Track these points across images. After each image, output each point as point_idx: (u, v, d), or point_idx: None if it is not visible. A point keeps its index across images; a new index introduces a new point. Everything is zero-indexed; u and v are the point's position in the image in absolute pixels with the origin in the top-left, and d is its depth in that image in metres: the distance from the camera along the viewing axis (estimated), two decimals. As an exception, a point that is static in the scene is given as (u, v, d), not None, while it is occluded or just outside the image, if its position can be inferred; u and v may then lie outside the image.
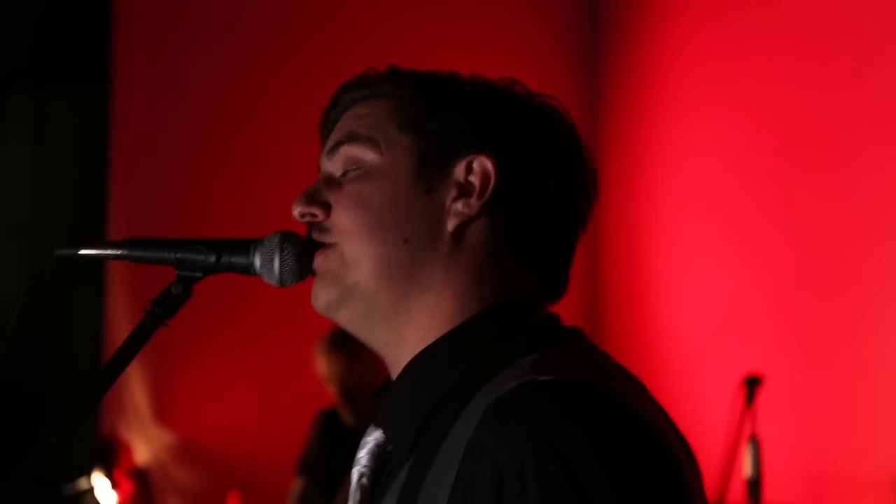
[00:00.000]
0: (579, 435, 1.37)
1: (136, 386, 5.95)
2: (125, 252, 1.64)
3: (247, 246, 1.62)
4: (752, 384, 5.10)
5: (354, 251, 1.58)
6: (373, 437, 1.63)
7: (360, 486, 1.62)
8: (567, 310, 1.67)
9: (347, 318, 1.62)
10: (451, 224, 1.59)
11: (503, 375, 1.46)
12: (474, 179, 1.60)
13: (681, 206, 6.44)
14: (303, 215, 1.63)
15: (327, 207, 1.62)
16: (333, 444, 5.09)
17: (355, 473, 1.63)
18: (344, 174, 1.64)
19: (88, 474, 5.63)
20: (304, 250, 1.61)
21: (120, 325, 5.91)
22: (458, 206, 1.60)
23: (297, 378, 5.86)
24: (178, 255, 1.62)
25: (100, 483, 5.63)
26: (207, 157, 6.21)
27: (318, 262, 1.61)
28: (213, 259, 1.62)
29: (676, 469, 1.45)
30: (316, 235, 1.62)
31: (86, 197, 6.06)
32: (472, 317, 1.58)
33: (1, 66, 5.97)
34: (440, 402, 1.53)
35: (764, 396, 5.12)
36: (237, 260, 1.62)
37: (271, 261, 1.60)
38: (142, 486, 5.85)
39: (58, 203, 6.06)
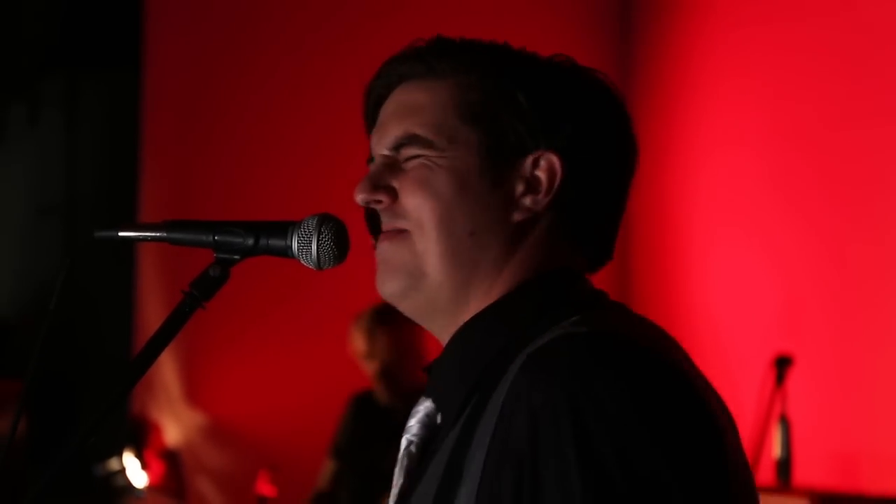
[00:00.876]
0: (614, 380, 1.40)
1: (166, 367, 5.97)
2: (164, 234, 1.64)
3: (284, 228, 1.61)
4: (783, 364, 5.10)
5: (424, 242, 1.60)
6: (423, 407, 1.65)
7: (408, 454, 1.63)
8: (596, 287, 1.68)
9: (412, 307, 1.64)
10: (517, 217, 1.60)
11: (545, 337, 1.49)
12: (541, 175, 1.61)
13: (714, 184, 6.43)
14: (367, 202, 1.63)
15: (393, 192, 1.62)
16: (365, 428, 5.09)
17: (404, 441, 1.64)
18: (406, 160, 1.63)
19: (119, 455, 5.66)
20: (341, 233, 1.61)
21: (150, 308, 5.94)
22: (527, 201, 1.61)
23: (327, 359, 5.87)
24: (216, 238, 1.62)
25: (130, 464, 5.66)
26: (239, 138, 6.21)
27: (385, 247, 1.62)
28: (250, 241, 1.61)
29: (711, 419, 1.47)
30: (387, 220, 1.62)
31: (118, 178, 6.09)
32: (519, 285, 1.60)
33: (34, 50, 6.00)
34: (486, 368, 1.55)
35: (794, 377, 5.12)
36: (275, 242, 1.61)
37: (309, 244, 1.60)
38: (172, 466, 5.87)
39: (90, 184, 6.08)
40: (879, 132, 5.46)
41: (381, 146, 1.65)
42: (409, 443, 1.63)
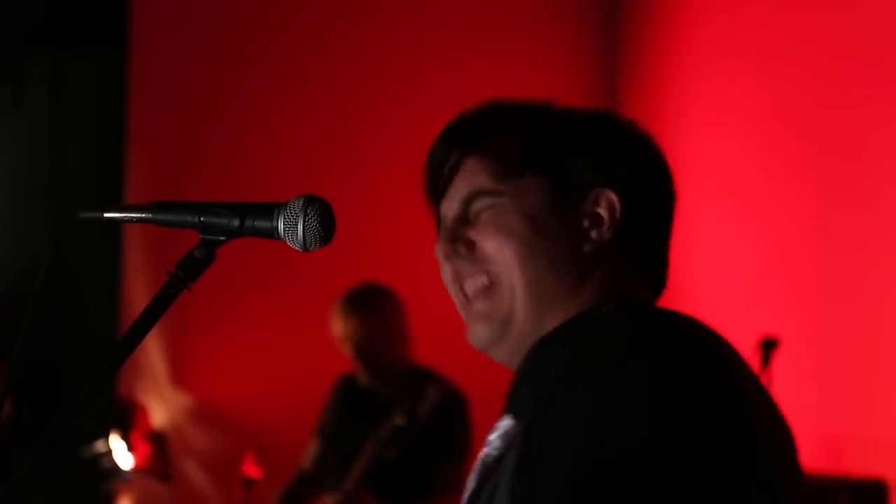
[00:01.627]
0: (644, 347, 1.51)
1: (152, 349, 5.97)
2: (150, 215, 1.64)
3: (270, 210, 1.61)
4: (768, 347, 5.11)
5: (510, 278, 1.71)
6: (503, 424, 1.67)
7: (484, 462, 1.67)
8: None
9: (503, 350, 1.74)
10: (587, 249, 1.72)
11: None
12: (602, 211, 1.74)
13: (700, 165, 6.43)
14: (447, 255, 1.74)
15: (470, 243, 1.73)
16: (348, 409, 5.11)
17: (482, 453, 1.68)
18: (477, 213, 1.74)
19: (105, 437, 5.66)
20: (327, 215, 1.61)
21: (136, 289, 5.93)
22: (593, 234, 1.73)
23: (313, 341, 5.87)
24: (201, 219, 1.62)
25: (117, 445, 5.66)
26: (225, 119, 6.21)
27: (480, 305, 1.73)
28: (236, 223, 1.61)
29: (739, 404, 1.53)
30: (469, 269, 1.74)
31: (103, 160, 6.07)
32: (588, 308, 1.71)
33: (19, 29, 5.97)
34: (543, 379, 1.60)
35: (780, 359, 5.13)
36: (260, 224, 1.61)
37: (295, 225, 1.60)
38: (158, 448, 5.87)
39: (75, 166, 6.06)
40: (865, 110, 5.47)
41: (451, 209, 1.77)
42: (487, 455, 1.68)
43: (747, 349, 5.22)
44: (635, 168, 1.78)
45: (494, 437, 1.67)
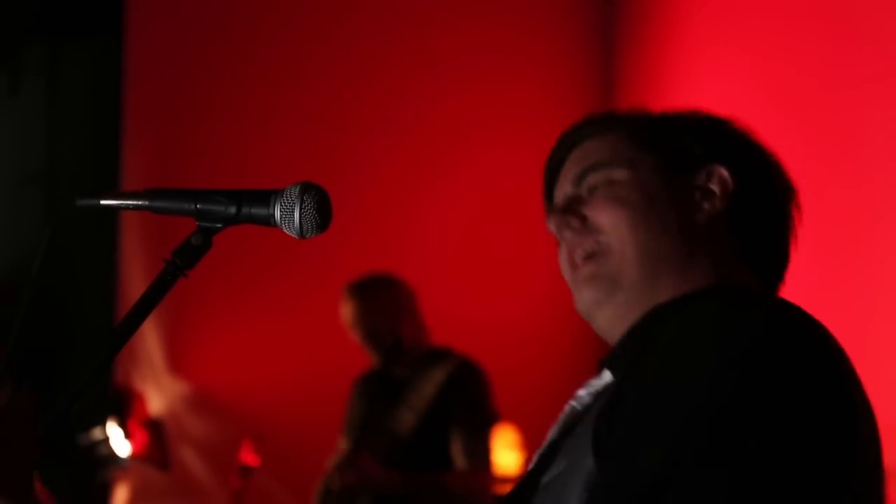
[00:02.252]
0: (756, 332, 1.50)
1: (149, 336, 5.97)
2: (146, 203, 1.64)
3: (267, 197, 1.62)
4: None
5: (621, 243, 1.72)
6: (596, 382, 1.73)
7: (572, 410, 1.73)
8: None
9: (609, 312, 1.75)
10: (699, 219, 1.76)
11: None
12: (714, 186, 1.78)
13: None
14: (560, 227, 1.78)
15: (582, 217, 1.77)
16: (368, 399, 5.10)
17: (567, 408, 1.74)
18: (590, 190, 1.79)
19: (102, 424, 5.66)
20: (324, 202, 1.61)
21: (133, 276, 5.93)
22: (705, 205, 1.77)
23: (311, 328, 5.87)
24: (198, 206, 1.62)
25: (114, 433, 5.66)
26: (222, 106, 6.20)
27: (587, 269, 1.75)
28: (233, 210, 1.62)
29: (851, 402, 1.57)
30: (579, 242, 1.76)
31: (100, 148, 6.06)
32: (701, 288, 1.72)
33: (15, 18, 5.96)
34: (643, 347, 1.61)
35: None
36: (257, 211, 1.62)
37: (292, 212, 1.60)
38: (155, 435, 5.87)
39: (72, 154, 6.06)
40: (861, 92, 5.47)
41: (566, 183, 1.83)
42: (573, 408, 1.73)
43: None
44: (747, 152, 1.84)
45: (584, 393, 1.73)
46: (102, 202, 1.65)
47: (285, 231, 1.62)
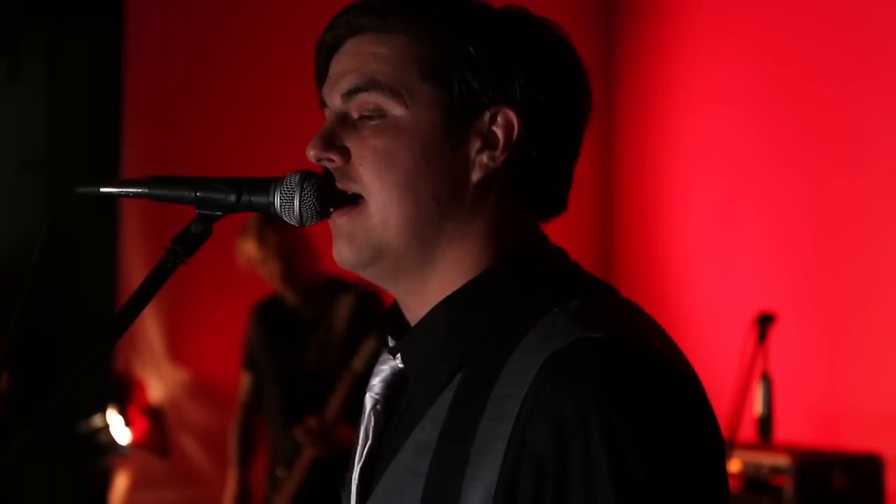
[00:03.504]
0: (640, 392, 1.44)
1: (149, 323, 5.97)
2: (146, 190, 1.63)
3: (267, 185, 1.61)
4: (765, 322, 5.12)
5: (384, 212, 1.57)
6: (388, 366, 1.65)
7: (374, 412, 1.64)
8: (579, 248, 1.70)
9: (373, 275, 1.62)
10: (475, 176, 1.59)
11: (547, 327, 1.51)
12: (498, 131, 1.59)
13: (696, 142, 6.43)
14: (319, 159, 1.61)
15: (346, 153, 1.60)
16: (277, 333, 5.11)
17: (369, 400, 1.65)
18: (361, 117, 1.61)
19: (102, 411, 5.66)
20: (324, 190, 1.61)
21: (133, 264, 5.93)
22: (483, 158, 1.59)
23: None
24: (198, 194, 1.62)
25: (114, 420, 5.66)
26: (221, 95, 6.20)
27: (342, 221, 1.60)
28: (233, 198, 1.61)
29: (717, 427, 1.53)
30: (340, 183, 1.60)
31: (99, 135, 6.05)
32: (498, 262, 1.60)
33: (14, 4, 5.95)
34: (477, 345, 1.55)
35: (776, 334, 5.14)
36: (257, 199, 1.61)
37: (291, 200, 1.60)
38: (155, 423, 5.88)
39: (71, 141, 6.05)
40: (860, 86, 5.47)
41: (336, 93, 1.64)
42: (375, 402, 1.64)
43: (744, 324, 5.22)
44: (539, 81, 1.60)
45: (377, 382, 1.65)
46: (102, 190, 1.64)
47: (285, 219, 1.61)
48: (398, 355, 1.64)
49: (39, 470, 5.68)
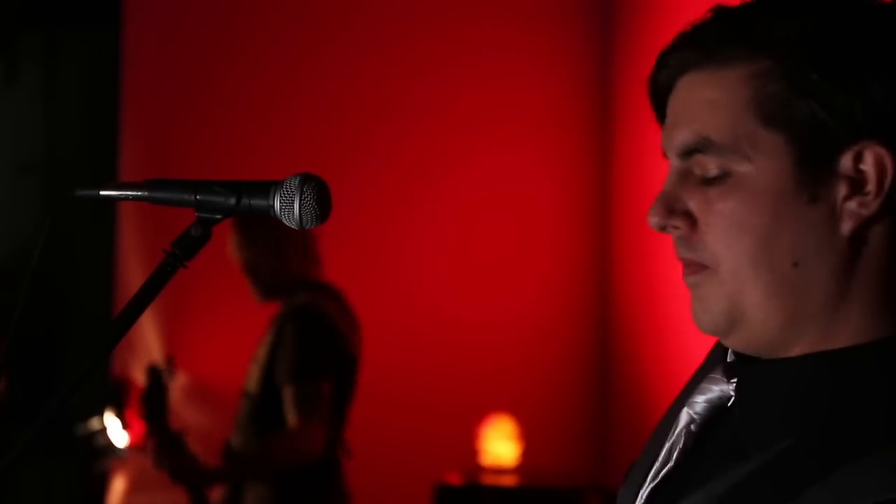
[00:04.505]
0: None
1: (148, 327, 5.97)
2: (145, 193, 1.62)
3: (267, 188, 1.60)
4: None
5: (738, 281, 1.37)
6: (719, 389, 1.45)
7: (688, 432, 1.46)
8: (575, 252, 1.67)
9: (735, 343, 1.42)
10: (846, 228, 1.34)
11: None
12: (867, 169, 1.33)
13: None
14: (662, 228, 1.44)
15: (691, 219, 1.41)
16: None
17: (685, 416, 1.47)
18: (707, 179, 1.41)
19: (100, 414, 5.66)
20: (324, 193, 1.60)
21: (131, 267, 5.92)
22: (853, 205, 1.34)
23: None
24: (198, 197, 1.61)
25: (111, 423, 5.66)
26: (218, 97, 6.19)
27: (695, 280, 1.42)
28: (232, 201, 1.60)
29: None
30: (683, 253, 1.43)
31: (97, 137, 6.06)
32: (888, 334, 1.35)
33: (13, 6, 5.95)
34: (826, 423, 1.33)
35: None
36: (257, 202, 1.61)
37: (291, 203, 1.59)
38: (153, 426, 5.87)
39: (69, 143, 6.06)
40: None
41: (671, 150, 1.46)
42: (692, 420, 1.47)
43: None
44: None
45: (702, 400, 1.46)
46: (102, 192, 1.64)
47: (285, 222, 1.61)
48: (734, 383, 1.44)
49: (37, 473, 5.68)
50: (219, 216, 1.61)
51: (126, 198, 1.65)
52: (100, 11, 6.07)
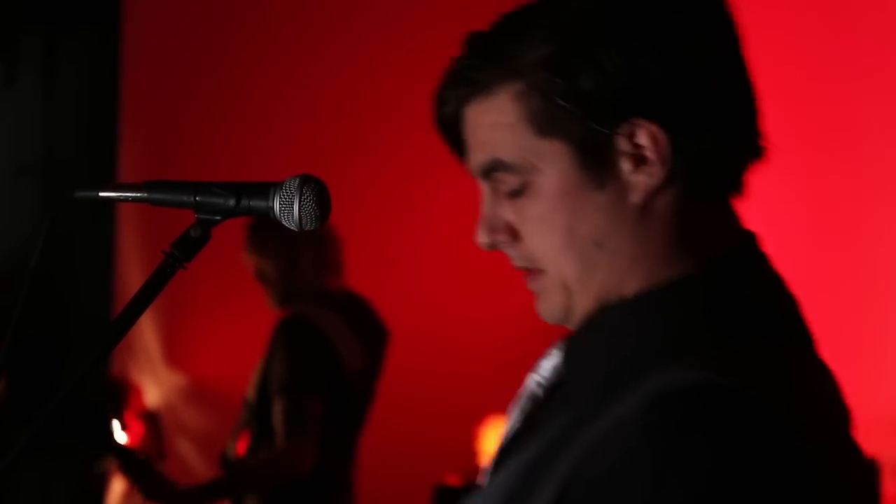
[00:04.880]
0: (709, 451, 1.32)
1: (147, 328, 5.97)
2: (144, 194, 1.62)
3: (266, 189, 1.60)
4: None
5: (562, 274, 1.50)
6: (554, 359, 1.60)
7: (533, 396, 1.61)
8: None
9: (575, 324, 1.54)
10: (635, 198, 1.48)
11: (686, 360, 1.40)
12: (644, 143, 1.45)
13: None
14: (492, 246, 1.56)
15: (511, 230, 1.54)
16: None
17: (532, 380, 1.62)
18: (510, 192, 1.52)
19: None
20: (323, 194, 1.60)
21: (131, 268, 5.93)
22: (641, 178, 1.47)
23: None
24: (197, 198, 1.60)
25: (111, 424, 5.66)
26: (217, 98, 6.20)
27: (535, 286, 1.54)
28: (232, 202, 1.60)
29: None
30: (518, 262, 1.55)
31: (96, 138, 6.07)
32: (686, 276, 1.50)
33: (12, 7, 5.96)
34: (624, 364, 1.46)
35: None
36: (256, 203, 1.60)
37: (291, 204, 1.59)
38: (152, 427, 5.87)
39: (68, 144, 6.06)
40: (857, 85, 5.48)
41: (475, 173, 1.56)
42: (538, 384, 1.61)
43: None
44: (676, 63, 1.46)
45: (546, 365, 1.61)
46: (101, 194, 1.63)
47: (285, 223, 1.61)
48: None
49: (36, 474, 5.68)
50: (218, 217, 1.61)
51: (125, 199, 1.65)
52: (99, 12, 6.07)
